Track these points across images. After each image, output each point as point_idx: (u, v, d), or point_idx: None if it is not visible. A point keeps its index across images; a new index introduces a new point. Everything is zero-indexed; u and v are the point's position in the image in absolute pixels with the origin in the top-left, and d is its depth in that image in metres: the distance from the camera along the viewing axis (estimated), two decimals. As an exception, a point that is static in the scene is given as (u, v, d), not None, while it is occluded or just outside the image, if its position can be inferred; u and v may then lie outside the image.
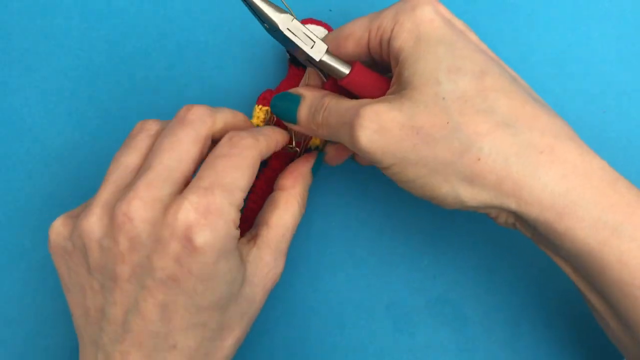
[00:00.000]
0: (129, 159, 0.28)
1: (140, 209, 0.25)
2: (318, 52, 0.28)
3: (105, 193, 0.27)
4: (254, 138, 0.28)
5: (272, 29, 0.28)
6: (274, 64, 0.37)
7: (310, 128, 0.30)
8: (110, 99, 0.37)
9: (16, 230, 0.36)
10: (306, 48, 0.28)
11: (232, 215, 0.25)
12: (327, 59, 0.28)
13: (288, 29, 0.27)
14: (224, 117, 0.29)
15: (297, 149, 0.33)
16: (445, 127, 0.25)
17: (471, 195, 0.26)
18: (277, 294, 0.34)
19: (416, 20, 0.27)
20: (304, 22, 0.34)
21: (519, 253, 0.35)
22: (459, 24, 0.28)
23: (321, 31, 0.35)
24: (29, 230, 0.36)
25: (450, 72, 0.26)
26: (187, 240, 0.24)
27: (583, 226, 0.25)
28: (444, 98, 0.25)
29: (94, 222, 0.26)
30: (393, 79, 0.28)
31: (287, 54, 0.35)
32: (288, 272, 0.35)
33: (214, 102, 0.37)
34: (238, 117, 0.30)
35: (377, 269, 0.35)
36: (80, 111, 0.37)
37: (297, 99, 0.30)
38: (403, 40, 0.27)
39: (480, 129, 0.25)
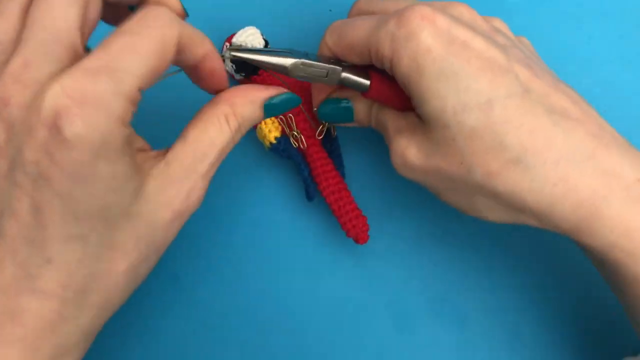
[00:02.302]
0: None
1: (17, 92, 0.21)
2: (334, 78, 0.29)
3: None
4: (176, 19, 0.23)
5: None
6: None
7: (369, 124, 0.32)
8: (112, 98, 0.37)
9: (18, 230, 0.36)
10: (322, 80, 0.29)
11: (117, 107, 0.21)
12: (345, 78, 0.29)
13: (300, 75, 0.28)
14: None
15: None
16: (460, 168, 0.26)
17: (507, 216, 0.27)
18: (277, 292, 0.35)
19: (412, 54, 0.25)
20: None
21: (519, 253, 0.35)
22: (462, 33, 0.26)
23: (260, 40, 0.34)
24: (31, 229, 0.36)
25: (456, 113, 0.25)
26: (56, 128, 0.20)
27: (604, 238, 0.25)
28: (454, 139, 0.26)
29: None
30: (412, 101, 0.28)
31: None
32: (288, 271, 0.35)
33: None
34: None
35: (377, 267, 0.35)
36: (81, 111, 0.37)
37: (349, 104, 0.31)
38: (405, 68, 0.26)
39: (491, 168, 0.25)
